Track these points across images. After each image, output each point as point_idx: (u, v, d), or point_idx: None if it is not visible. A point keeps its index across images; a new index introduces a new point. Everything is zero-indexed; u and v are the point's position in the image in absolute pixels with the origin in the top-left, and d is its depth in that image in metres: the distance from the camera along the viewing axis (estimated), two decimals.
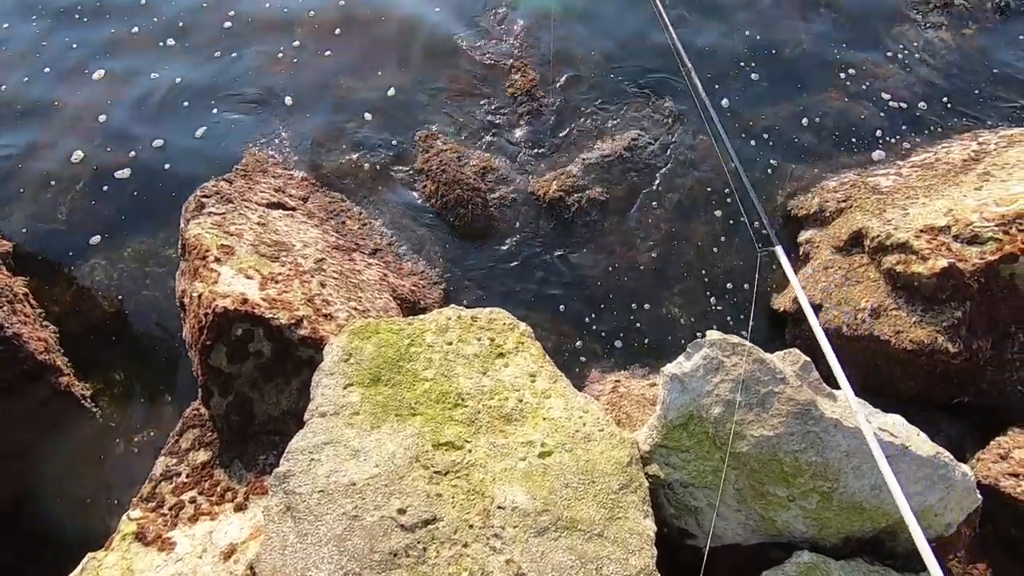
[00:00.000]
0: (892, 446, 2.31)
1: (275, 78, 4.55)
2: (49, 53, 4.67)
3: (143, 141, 4.21)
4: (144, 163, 4.12)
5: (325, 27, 4.80)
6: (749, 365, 2.33)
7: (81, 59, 4.63)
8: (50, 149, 4.19)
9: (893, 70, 4.64)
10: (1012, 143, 3.85)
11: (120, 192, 4.00)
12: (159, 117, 4.35)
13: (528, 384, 2.50)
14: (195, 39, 4.77)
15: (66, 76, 4.55)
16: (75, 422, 3.16)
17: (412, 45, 4.73)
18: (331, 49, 4.69)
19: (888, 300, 3.21)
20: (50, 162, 4.12)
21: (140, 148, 4.18)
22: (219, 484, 2.73)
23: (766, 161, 4.23)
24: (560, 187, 4.05)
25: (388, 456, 2.19)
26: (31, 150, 4.19)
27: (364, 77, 4.56)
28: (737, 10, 4.99)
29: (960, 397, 3.15)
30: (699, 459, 2.39)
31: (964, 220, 3.08)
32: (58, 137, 4.24)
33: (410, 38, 4.77)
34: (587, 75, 4.59)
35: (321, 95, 4.47)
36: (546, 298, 3.74)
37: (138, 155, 4.15)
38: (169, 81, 4.53)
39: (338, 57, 4.66)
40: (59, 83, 4.52)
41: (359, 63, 4.62)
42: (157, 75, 4.54)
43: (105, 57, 4.66)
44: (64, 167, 4.09)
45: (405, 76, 4.57)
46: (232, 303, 2.68)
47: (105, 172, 4.07)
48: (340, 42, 4.74)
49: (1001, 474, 2.80)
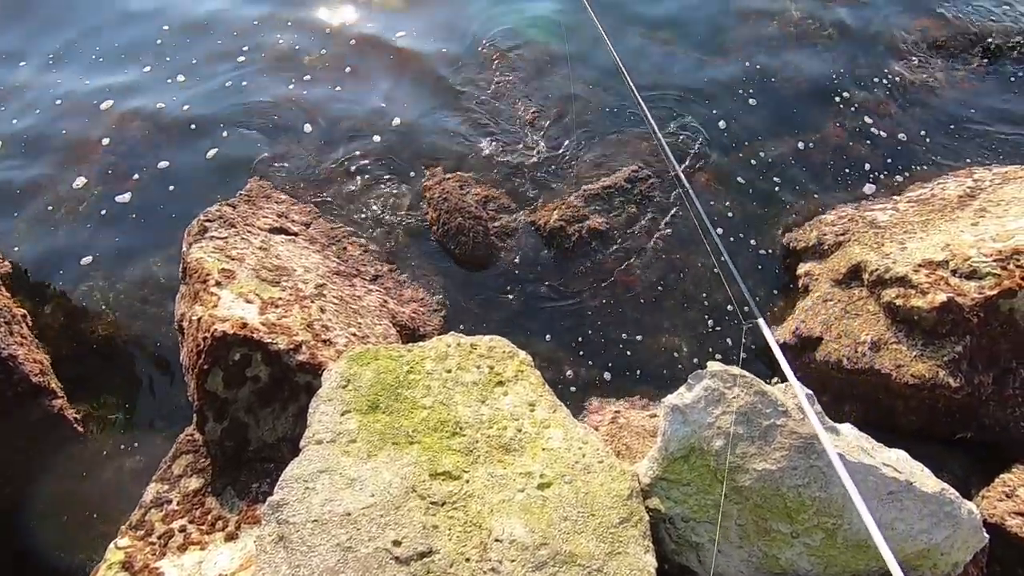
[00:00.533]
0: (896, 482, 2.27)
1: (284, 107, 4.63)
2: (61, 84, 4.73)
3: (148, 165, 4.26)
4: (147, 187, 4.16)
5: (334, 61, 4.91)
6: (751, 397, 2.31)
7: (90, 90, 4.69)
8: (54, 174, 4.23)
9: (889, 107, 4.74)
10: (1006, 180, 3.91)
11: (121, 215, 4.03)
12: (165, 142, 4.41)
13: (527, 413, 2.47)
14: (205, 70, 4.86)
15: (75, 106, 4.61)
16: (66, 446, 3.11)
17: (418, 78, 4.84)
18: (339, 81, 4.79)
19: (888, 333, 3.21)
20: (53, 185, 4.17)
21: (145, 172, 4.23)
22: (210, 512, 2.67)
23: (764, 194, 4.28)
24: (561, 217, 4.09)
25: (384, 485, 2.15)
26: (35, 175, 4.24)
27: (370, 108, 4.65)
28: (738, 42, 5.13)
29: (963, 433, 3.12)
30: (700, 493, 2.35)
31: (962, 255, 3.10)
32: (63, 162, 4.29)
33: (416, 71, 4.88)
34: (590, 108, 4.68)
35: (328, 124, 4.55)
36: (546, 327, 3.73)
37: (142, 179, 4.19)
38: (177, 108, 4.61)
39: (345, 88, 4.75)
40: (68, 112, 4.57)
41: (365, 95, 4.72)
42: (164, 104, 4.61)
43: (115, 88, 4.72)
44: (67, 190, 4.13)
45: (410, 107, 4.66)
46: (231, 327, 2.67)
47: (107, 195, 4.10)
48: (348, 75, 4.85)
49: (1007, 513, 2.75)
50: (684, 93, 4.77)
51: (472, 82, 4.82)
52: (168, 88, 4.75)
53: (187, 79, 4.82)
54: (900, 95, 4.82)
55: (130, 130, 4.47)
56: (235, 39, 5.10)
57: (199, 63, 4.92)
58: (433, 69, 4.88)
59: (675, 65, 4.94)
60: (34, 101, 4.66)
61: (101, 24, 5.19)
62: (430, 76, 4.83)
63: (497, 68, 4.92)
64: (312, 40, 5.05)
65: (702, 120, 4.64)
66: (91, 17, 5.26)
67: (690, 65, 4.94)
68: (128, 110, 4.59)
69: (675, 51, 5.04)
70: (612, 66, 4.93)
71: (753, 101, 4.74)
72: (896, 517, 2.27)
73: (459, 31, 5.15)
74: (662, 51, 5.05)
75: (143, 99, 4.66)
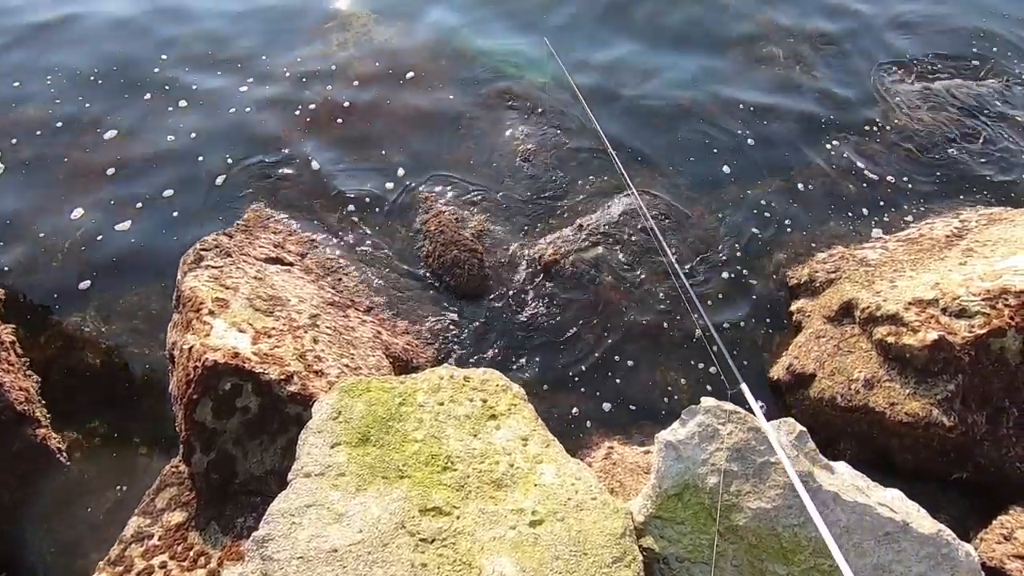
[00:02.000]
0: (892, 522, 2.24)
1: (286, 139, 4.70)
2: (62, 111, 4.81)
3: (150, 193, 4.28)
4: (147, 215, 4.18)
5: (338, 100, 5.00)
6: (744, 433, 2.29)
7: (94, 117, 4.76)
8: (53, 201, 4.25)
9: (877, 147, 4.86)
10: (992, 221, 3.99)
11: (119, 243, 4.03)
12: (166, 171, 4.45)
13: (520, 448, 2.44)
14: (209, 101, 4.95)
15: (78, 134, 4.67)
16: (47, 476, 3.03)
17: (415, 116, 4.93)
18: (342, 116, 4.88)
19: (881, 371, 3.21)
20: (51, 214, 4.17)
21: (147, 199, 4.25)
22: (193, 548, 2.60)
23: (757, 231, 4.34)
24: (556, 251, 4.12)
25: (373, 521, 2.10)
26: (34, 202, 4.25)
27: (371, 143, 4.73)
28: (729, 76, 5.29)
29: (958, 473, 3.09)
30: (695, 532, 2.30)
31: (951, 294, 3.13)
32: (63, 190, 4.31)
33: (413, 109, 4.97)
34: (586, 142, 4.78)
35: (329, 157, 4.62)
36: (540, 360, 3.72)
37: (144, 207, 4.21)
38: (184, 136, 4.66)
39: (348, 123, 4.83)
40: (70, 139, 4.63)
41: (367, 130, 4.80)
42: (173, 137, 4.66)
43: (118, 117, 4.79)
44: (65, 219, 4.14)
45: (411, 142, 4.74)
46: (222, 356, 2.65)
47: (105, 223, 4.12)
48: (351, 111, 4.92)
49: (1006, 556, 2.71)
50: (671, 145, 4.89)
51: (468, 117, 4.92)
52: (171, 115, 4.82)
53: (190, 105, 4.90)
54: (887, 135, 4.95)
55: (133, 158, 4.51)
56: (240, 70, 5.20)
57: (199, 91, 5.01)
58: (431, 107, 4.98)
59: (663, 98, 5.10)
60: (36, 126, 4.71)
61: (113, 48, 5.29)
62: (427, 114, 4.93)
63: (494, 105, 5.03)
64: (315, 80, 5.15)
65: (694, 160, 4.74)
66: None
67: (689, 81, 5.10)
68: (132, 136, 4.64)
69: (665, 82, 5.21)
70: (606, 100, 5.08)
71: (751, 141, 4.85)
72: (893, 559, 2.23)
73: (453, 70, 5.28)
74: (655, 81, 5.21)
75: (148, 127, 4.72)
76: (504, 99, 5.08)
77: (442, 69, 5.28)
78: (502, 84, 5.18)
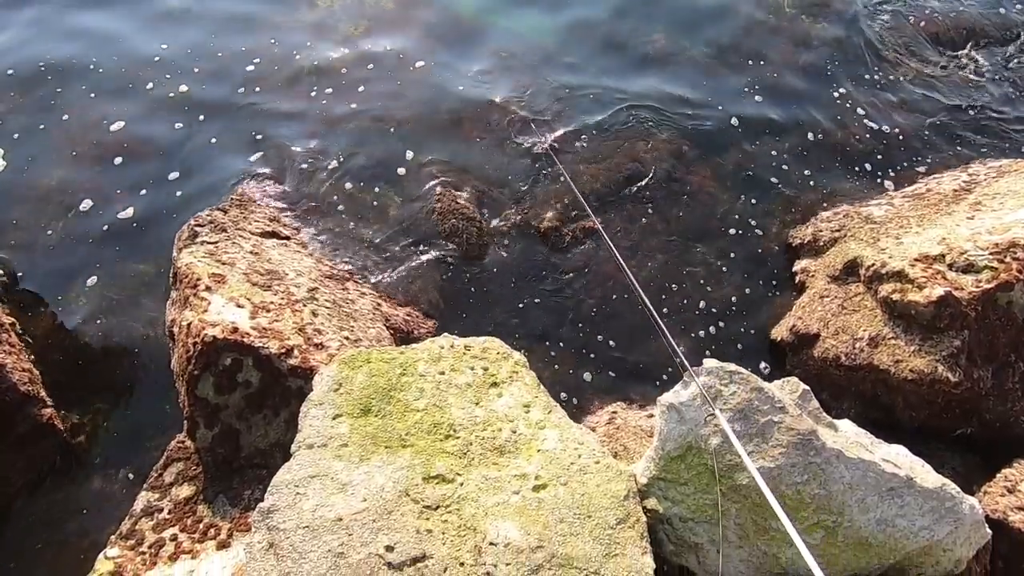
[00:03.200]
0: (896, 478, 2.24)
1: (284, 115, 4.53)
2: (68, 103, 4.63)
3: (153, 177, 4.17)
4: (149, 198, 4.08)
5: (330, 66, 4.84)
6: (747, 394, 2.28)
7: (101, 109, 4.59)
8: (57, 185, 4.13)
9: (884, 102, 4.73)
10: (1001, 174, 3.90)
11: (118, 223, 3.97)
12: (169, 158, 4.31)
13: (522, 415, 2.44)
14: (214, 88, 4.76)
15: (85, 127, 4.51)
16: (56, 455, 3.06)
17: (410, 83, 4.80)
18: (336, 90, 4.72)
19: (886, 329, 3.18)
20: (53, 196, 4.09)
21: (150, 184, 4.13)
22: (202, 521, 2.63)
23: (761, 191, 4.26)
24: (555, 217, 4.06)
25: (377, 490, 2.11)
26: (37, 185, 4.15)
27: (364, 113, 4.61)
28: (734, 30, 5.13)
29: (963, 428, 3.09)
30: (698, 492, 2.31)
31: (958, 248, 3.08)
32: (68, 173, 4.19)
33: (407, 77, 4.84)
34: (582, 106, 4.67)
35: (323, 130, 4.50)
36: (541, 327, 3.70)
37: (147, 191, 4.10)
38: (182, 111, 4.53)
39: (343, 98, 4.68)
40: (77, 131, 4.47)
41: (361, 104, 4.65)
42: (181, 126, 4.51)
43: (124, 110, 4.62)
44: (67, 201, 4.06)
45: (404, 110, 4.62)
46: (221, 332, 2.63)
47: (107, 206, 4.02)
48: (347, 87, 4.75)
49: (1009, 508, 2.72)
50: (675, 92, 4.76)
51: (464, 82, 4.79)
52: (177, 109, 4.65)
53: (192, 89, 4.73)
54: (896, 90, 4.81)
55: (138, 148, 4.37)
56: (241, 58, 5.00)
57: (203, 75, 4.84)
58: (425, 74, 4.85)
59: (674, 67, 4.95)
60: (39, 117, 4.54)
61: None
62: (422, 81, 4.80)
63: (491, 71, 4.89)
64: (309, 51, 4.99)
65: (694, 116, 4.63)
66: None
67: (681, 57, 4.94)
68: (138, 129, 4.48)
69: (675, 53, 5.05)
70: (606, 64, 4.94)
71: (758, 98, 4.72)
72: (896, 514, 2.24)
73: (451, 35, 5.13)
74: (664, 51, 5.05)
75: (147, 117, 4.56)
76: (503, 58, 4.93)
77: (436, 33, 5.12)
78: (495, 45, 5.03)
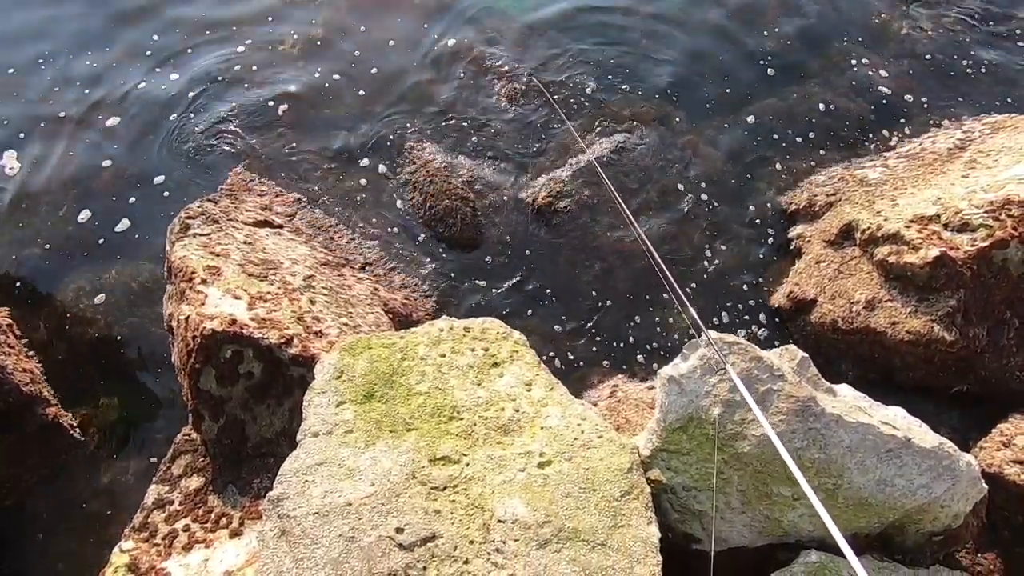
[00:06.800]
0: (894, 439, 2.28)
1: (269, 99, 4.45)
2: (63, 99, 4.54)
3: (146, 174, 4.12)
4: (141, 191, 4.04)
5: (313, 49, 4.74)
6: (747, 363, 2.30)
7: (94, 105, 4.49)
8: (48, 181, 4.08)
9: (877, 61, 4.66)
10: (995, 130, 3.87)
11: (111, 217, 3.93)
12: (161, 151, 4.24)
13: (524, 393, 2.46)
14: (187, 57, 4.67)
15: (80, 120, 4.42)
16: (65, 453, 3.09)
17: (397, 61, 4.70)
18: (319, 69, 4.64)
19: (882, 292, 3.20)
20: (43, 188, 4.04)
21: (143, 183, 4.07)
22: (213, 510, 2.67)
23: (754, 156, 4.23)
24: (549, 193, 4.03)
25: (384, 474, 2.14)
26: (27, 176, 4.10)
27: (350, 93, 4.53)
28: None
29: (959, 386, 3.13)
30: (701, 461, 2.35)
31: (954, 208, 3.07)
32: (58, 167, 4.13)
33: (396, 53, 4.75)
34: (571, 81, 4.59)
35: (309, 113, 4.43)
36: (539, 305, 3.71)
37: (138, 183, 4.06)
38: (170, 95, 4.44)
39: (325, 77, 4.60)
40: (72, 126, 4.40)
41: (345, 82, 4.58)
42: (176, 116, 4.42)
43: (118, 103, 4.53)
44: (59, 192, 4.01)
45: (391, 89, 4.54)
46: (220, 324, 2.63)
47: (98, 205, 3.97)
48: (327, 62, 4.67)
49: (1005, 462, 2.78)
50: (669, 55, 4.68)
51: (454, 64, 4.70)
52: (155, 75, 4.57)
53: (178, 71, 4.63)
54: (887, 48, 4.74)
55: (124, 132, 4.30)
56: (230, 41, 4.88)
57: (182, 55, 4.73)
58: (414, 51, 4.75)
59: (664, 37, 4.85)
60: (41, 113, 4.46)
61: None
62: (409, 63, 4.71)
63: (479, 48, 4.79)
64: (287, 28, 4.88)
65: (687, 80, 4.56)
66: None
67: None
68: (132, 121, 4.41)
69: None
70: (591, 41, 4.85)
71: (748, 61, 4.64)
72: (895, 474, 2.28)
73: (436, 11, 5.01)
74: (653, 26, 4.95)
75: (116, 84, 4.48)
76: (489, 33, 4.83)
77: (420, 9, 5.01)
78: (486, 17, 4.92)
